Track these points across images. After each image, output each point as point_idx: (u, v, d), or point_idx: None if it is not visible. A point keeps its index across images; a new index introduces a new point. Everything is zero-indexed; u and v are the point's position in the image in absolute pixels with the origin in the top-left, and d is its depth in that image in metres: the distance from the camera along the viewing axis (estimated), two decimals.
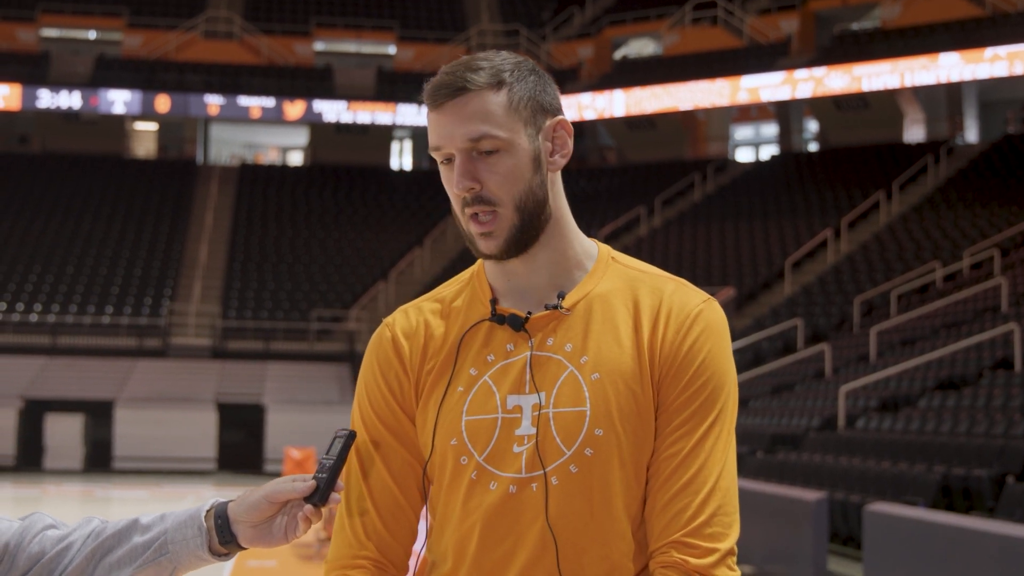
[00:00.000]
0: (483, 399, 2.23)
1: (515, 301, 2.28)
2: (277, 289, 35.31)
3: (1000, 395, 15.39)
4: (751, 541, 13.35)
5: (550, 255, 2.27)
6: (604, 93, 40.07)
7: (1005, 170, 33.18)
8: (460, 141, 2.19)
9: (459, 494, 2.22)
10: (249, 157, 46.68)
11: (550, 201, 2.27)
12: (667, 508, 2.16)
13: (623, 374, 2.20)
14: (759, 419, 20.15)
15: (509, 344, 2.26)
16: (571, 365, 2.21)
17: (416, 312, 2.36)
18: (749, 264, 32.06)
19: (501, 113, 2.19)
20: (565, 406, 2.19)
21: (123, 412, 29.78)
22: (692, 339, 2.22)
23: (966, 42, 34.42)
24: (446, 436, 2.24)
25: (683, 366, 2.21)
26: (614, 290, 2.27)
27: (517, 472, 2.19)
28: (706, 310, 2.25)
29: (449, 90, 2.19)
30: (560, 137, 2.30)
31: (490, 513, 2.19)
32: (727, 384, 2.23)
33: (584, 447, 2.17)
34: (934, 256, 28.10)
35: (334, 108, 40.96)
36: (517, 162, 2.21)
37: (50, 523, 2.24)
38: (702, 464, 2.17)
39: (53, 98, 39.72)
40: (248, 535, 2.15)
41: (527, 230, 2.22)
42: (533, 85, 2.25)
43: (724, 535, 2.15)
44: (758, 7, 41.14)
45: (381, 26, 45.05)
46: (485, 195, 2.20)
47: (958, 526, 9.68)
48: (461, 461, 2.22)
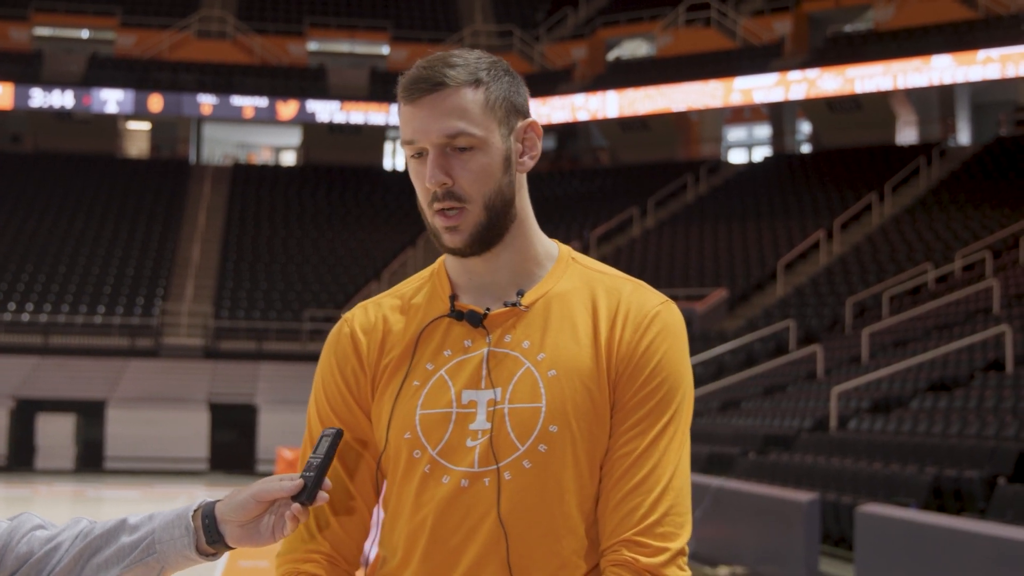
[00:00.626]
0: (438, 393, 2.24)
1: (475, 298, 2.30)
2: (270, 289, 35.29)
3: (992, 397, 15.41)
4: (743, 542, 13.37)
5: (512, 254, 2.29)
6: (597, 94, 40.08)
7: (997, 172, 33.22)
8: (436, 136, 2.20)
9: (412, 487, 2.23)
10: (242, 157, 46.64)
11: (516, 201, 2.27)
12: (619, 506, 2.17)
13: (580, 372, 2.21)
14: (751, 420, 20.15)
15: (467, 340, 2.27)
16: (528, 362, 2.23)
17: (375, 308, 2.38)
18: (742, 265, 32.07)
19: (478, 111, 2.20)
20: (521, 402, 2.20)
21: (115, 412, 29.75)
22: (649, 339, 2.23)
23: (958, 44, 34.47)
24: (400, 430, 2.25)
25: (639, 366, 2.22)
26: (573, 289, 2.29)
27: (470, 466, 2.19)
28: (663, 311, 2.27)
29: (427, 84, 2.21)
30: (530, 139, 2.29)
31: (442, 506, 2.20)
32: (683, 385, 2.25)
33: (538, 443, 2.18)
34: (926, 258, 28.13)
35: (327, 108, 40.94)
36: (490, 161, 2.21)
37: (38, 523, 2.24)
38: (655, 464, 2.18)
39: (46, 97, 39.68)
40: (236, 535, 2.15)
41: (492, 228, 2.23)
42: (508, 86, 2.26)
43: (675, 535, 2.17)
44: (751, 8, 41.18)
45: (375, 26, 45.04)
46: (456, 191, 2.20)
47: (949, 527, 9.70)
48: (414, 455, 2.23)
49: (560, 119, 40.64)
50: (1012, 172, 32.80)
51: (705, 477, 15.32)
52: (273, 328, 33.54)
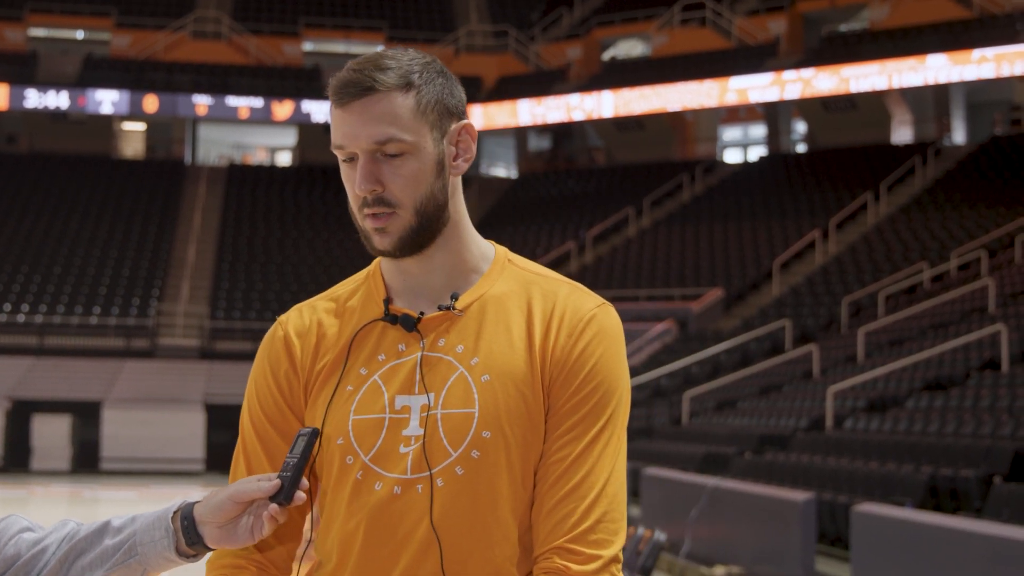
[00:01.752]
0: (371, 399, 2.22)
1: (409, 301, 2.27)
2: (265, 289, 35.27)
3: (987, 396, 15.42)
4: (739, 541, 13.37)
5: (446, 257, 2.26)
6: (593, 94, 40.08)
7: (992, 171, 33.25)
8: (365, 142, 2.16)
9: (344, 494, 2.21)
10: (237, 157, 46.61)
11: (450, 204, 2.24)
12: (552, 513, 2.15)
13: (513, 376, 2.18)
14: (747, 420, 20.16)
15: (401, 344, 2.25)
16: (461, 366, 2.20)
17: (310, 311, 2.36)
18: (737, 265, 32.08)
19: (408, 116, 2.16)
20: (454, 407, 2.18)
21: (111, 413, 29.73)
22: (584, 343, 2.20)
23: (954, 44, 34.49)
24: (333, 435, 2.22)
25: (574, 370, 2.19)
26: (508, 292, 2.26)
27: (403, 473, 2.17)
28: (600, 314, 2.24)
29: (356, 89, 2.16)
30: (464, 141, 2.26)
31: (374, 513, 2.18)
32: (618, 389, 2.21)
33: (471, 449, 2.16)
34: (922, 257, 28.15)
35: (323, 108, 40.92)
36: (421, 166, 2.18)
37: (25, 526, 2.24)
38: (589, 469, 2.16)
39: (41, 98, 39.66)
40: (214, 536, 2.14)
41: (423, 232, 2.20)
42: (440, 88, 2.22)
43: (608, 542, 2.14)
44: (746, 8, 41.19)
45: (370, 26, 45.03)
46: (386, 197, 2.17)
47: (945, 526, 9.70)
48: (347, 461, 2.21)
49: (555, 119, 40.65)
50: (1007, 171, 32.83)
51: (701, 477, 15.32)
52: (269, 328, 33.45)
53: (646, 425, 22.54)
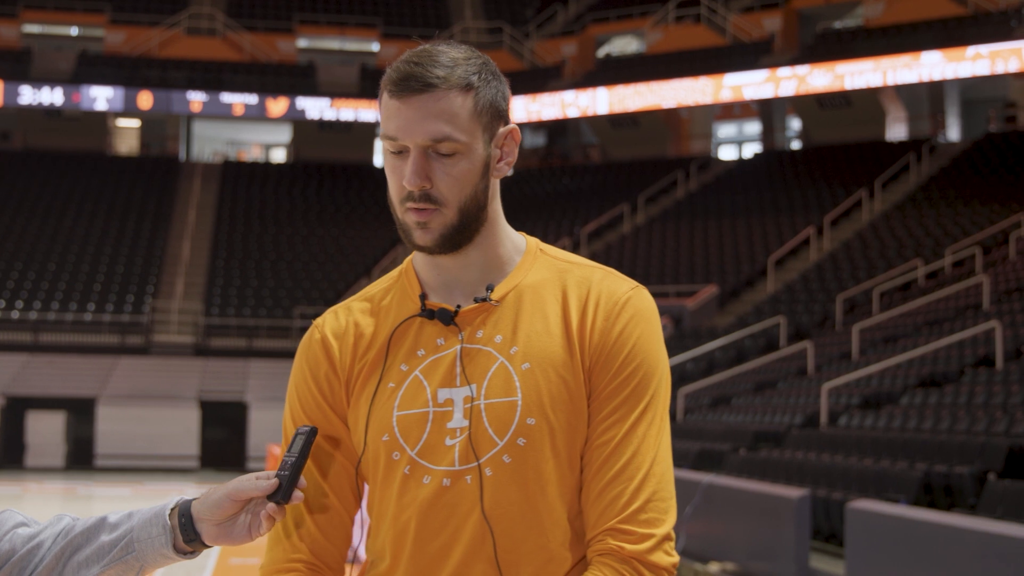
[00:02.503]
0: (414, 394, 2.23)
1: (445, 295, 2.29)
2: (260, 286, 35.25)
3: (982, 392, 15.43)
4: (734, 538, 13.38)
5: (481, 253, 2.27)
6: (587, 91, 40.07)
7: (987, 168, 33.26)
8: (420, 138, 2.16)
9: (393, 490, 2.22)
10: (232, 154, 46.59)
11: (488, 206, 2.25)
12: (602, 496, 2.17)
13: (554, 363, 2.20)
14: (742, 416, 20.16)
15: (439, 338, 2.26)
16: (501, 356, 2.22)
17: (345, 312, 2.37)
18: (732, 262, 32.09)
19: (466, 117, 2.18)
20: (496, 397, 2.19)
21: (105, 409, 29.71)
22: (621, 326, 2.22)
23: (948, 41, 34.50)
24: (378, 432, 2.24)
25: (613, 353, 2.21)
26: (543, 281, 2.28)
27: (450, 465, 2.19)
28: (634, 297, 2.26)
29: (418, 83, 2.16)
30: (509, 145, 2.27)
31: (425, 507, 2.19)
32: (658, 370, 2.23)
33: (517, 437, 2.17)
34: (916, 254, 28.16)
35: (317, 105, 40.91)
36: (471, 167, 2.20)
37: (20, 521, 2.23)
38: (636, 450, 2.18)
39: (35, 94, 39.60)
40: (212, 533, 2.14)
41: (463, 231, 2.21)
42: (495, 91, 2.23)
43: (660, 520, 2.16)
44: (741, 5, 41.20)
45: (364, 23, 45.01)
46: (433, 194, 2.18)
47: (940, 523, 9.71)
48: (393, 456, 2.22)
49: (550, 116, 40.64)
50: (1002, 168, 32.84)
51: (695, 473, 15.32)
52: (263, 325, 33.51)
53: None
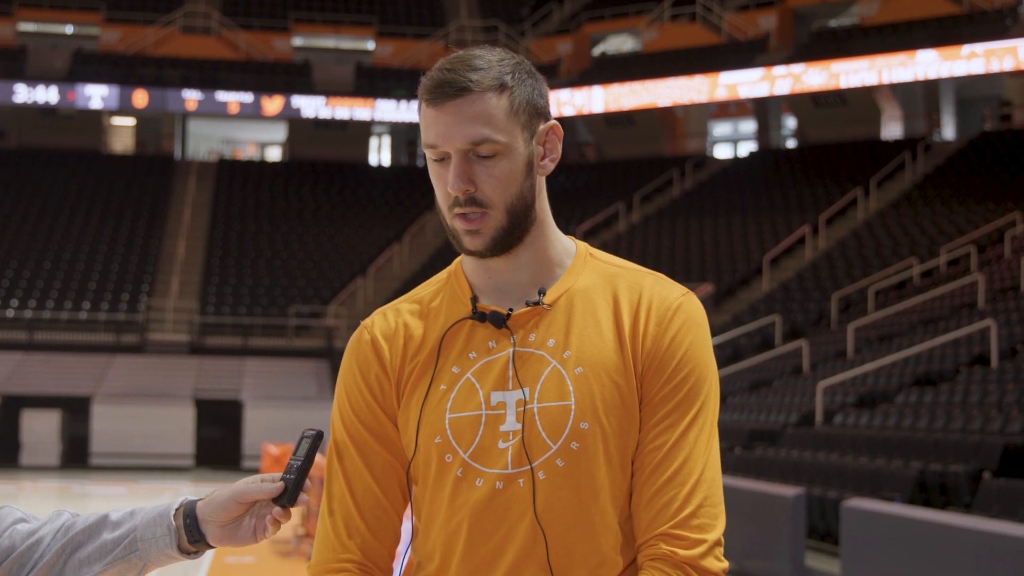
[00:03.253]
0: (466, 396, 2.23)
1: (496, 298, 2.28)
2: (255, 285, 35.23)
3: (977, 391, 15.45)
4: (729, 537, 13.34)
5: (532, 255, 2.27)
6: (583, 89, 40.08)
7: (982, 167, 33.29)
8: (460, 142, 2.17)
9: (445, 492, 2.22)
10: (227, 153, 46.56)
11: (536, 204, 2.26)
12: (654, 501, 2.17)
13: (606, 367, 2.20)
14: (737, 415, 20.18)
15: (491, 341, 2.25)
16: (554, 360, 2.21)
17: (394, 313, 2.35)
18: (727, 260, 32.11)
19: (503, 117, 2.18)
20: (550, 401, 2.19)
21: (100, 408, 29.68)
22: (673, 332, 2.22)
23: (943, 39, 34.52)
24: (430, 434, 2.23)
25: (665, 359, 2.21)
26: (594, 285, 2.28)
27: (503, 468, 2.18)
28: (686, 303, 2.26)
29: (452, 89, 2.17)
30: (551, 141, 2.28)
31: (477, 510, 2.18)
32: (709, 376, 2.24)
33: (570, 441, 2.17)
34: (911, 253, 28.18)
35: (312, 104, 40.86)
36: (513, 167, 2.20)
37: (20, 517, 2.23)
38: (687, 456, 2.18)
39: (30, 93, 39.55)
40: (216, 535, 2.14)
41: (513, 232, 2.21)
42: (531, 89, 2.24)
43: (711, 526, 2.17)
44: (736, 4, 41.21)
45: (360, 21, 44.98)
46: (478, 197, 2.19)
47: (935, 522, 9.72)
48: (446, 459, 2.21)
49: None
50: (997, 167, 32.88)
51: None
52: (259, 324, 33.49)
53: None
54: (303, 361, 32.41)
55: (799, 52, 37.53)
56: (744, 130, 45.60)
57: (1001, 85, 37.77)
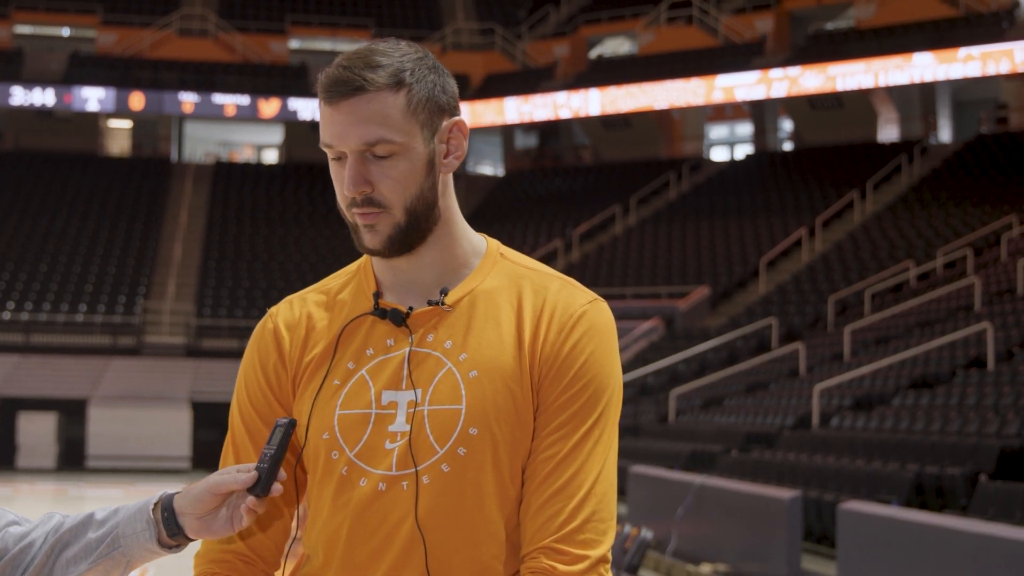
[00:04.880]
0: (358, 393, 2.20)
1: (400, 295, 2.24)
2: (252, 287, 35.22)
3: (973, 394, 15.45)
4: (726, 539, 13.39)
5: (437, 254, 2.23)
6: (579, 92, 40.07)
7: (978, 170, 33.31)
8: (354, 143, 2.12)
9: (329, 489, 2.19)
10: (224, 155, 46.54)
11: (440, 202, 2.21)
12: (540, 512, 2.12)
13: (502, 373, 2.15)
14: (734, 418, 20.19)
15: (389, 339, 2.22)
16: (449, 362, 2.17)
17: (300, 303, 2.34)
18: (724, 263, 32.11)
19: (398, 116, 2.13)
20: (441, 403, 2.15)
21: (97, 411, 29.67)
22: (574, 340, 2.17)
23: (940, 42, 34.55)
24: (319, 430, 2.20)
25: (564, 367, 2.16)
26: (499, 287, 2.23)
27: (388, 469, 2.15)
28: (591, 311, 2.20)
29: (346, 88, 2.12)
30: (455, 138, 2.22)
31: (359, 510, 2.15)
32: (609, 387, 2.18)
33: (457, 446, 2.13)
34: (908, 255, 28.19)
35: (309, 106, 40.86)
36: (411, 166, 2.15)
37: (12, 519, 2.24)
38: (578, 468, 2.13)
39: (26, 95, 39.54)
40: (194, 527, 2.14)
41: (412, 232, 2.17)
42: (432, 85, 2.17)
43: (597, 542, 2.11)
44: (733, 6, 41.22)
45: (356, 24, 44.98)
46: (375, 198, 2.15)
47: (931, 524, 9.72)
48: (332, 456, 2.19)
49: (542, 117, 40.63)
50: (993, 170, 32.90)
51: (687, 475, 15.33)
52: (255, 326, 33.36)
53: (633, 423, 22.55)
54: None
55: (795, 55, 37.56)
56: (741, 133, 45.61)
57: (997, 88, 37.79)
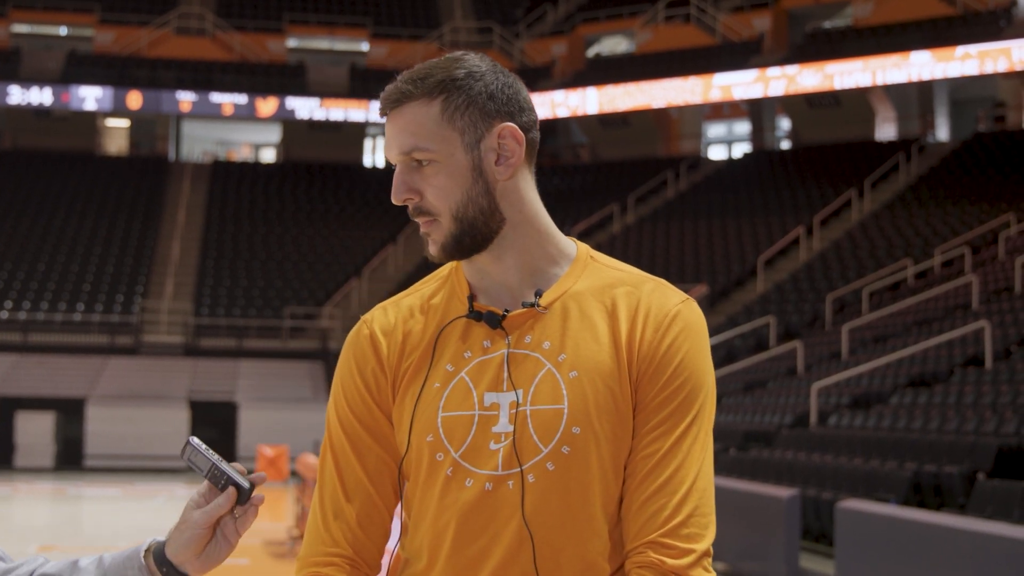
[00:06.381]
0: (460, 396, 2.22)
1: (492, 298, 2.27)
2: (250, 286, 35.22)
3: (971, 392, 15.45)
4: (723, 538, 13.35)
5: (518, 257, 2.26)
6: (577, 90, 40.08)
7: (976, 168, 33.32)
8: (395, 152, 2.20)
9: (435, 491, 2.21)
10: (221, 154, 46.53)
11: (501, 208, 2.24)
12: (644, 508, 2.15)
13: (601, 372, 2.18)
14: (732, 416, 20.19)
15: (486, 341, 2.24)
16: (549, 363, 2.20)
17: (395, 309, 2.34)
18: (722, 262, 32.12)
19: (431, 125, 2.18)
20: (543, 403, 2.17)
21: (95, 410, 29.67)
22: (671, 339, 2.20)
23: (937, 40, 34.56)
24: (422, 432, 2.22)
25: (661, 366, 2.19)
26: (592, 289, 2.26)
27: (494, 469, 2.17)
28: (684, 310, 2.24)
29: (389, 100, 2.20)
30: (507, 144, 2.26)
31: (465, 510, 2.17)
32: (705, 385, 2.22)
33: (561, 445, 2.15)
34: (905, 254, 28.20)
35: (307, 105, 40.86)
36: (451, 173, 2.19)
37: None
38: (679, 464, 2.16)
39: (24, 94, 39.52)
40: (197, 566, 2.15)
41: (466, 239, 2.21)
42: (477, 91, 2.22)
43: (701, 536, 2.14)
44: (731, 5, 41.22)
45: (354, 23, 44.97)
46: (423, 206, 2.21)
47: (929, 523, 9.72)
48: (437, 457, 2.20)
49: (540, 116, 39.50)
50: (991, 168, 32.91)
51: None
52: (253, 325, 33.47)
53: None
54: (297, 363, 32.40)
55: (793, 53, 37.56)
56: (738, 131, 45.63)
57: (995, 86, 37.81)
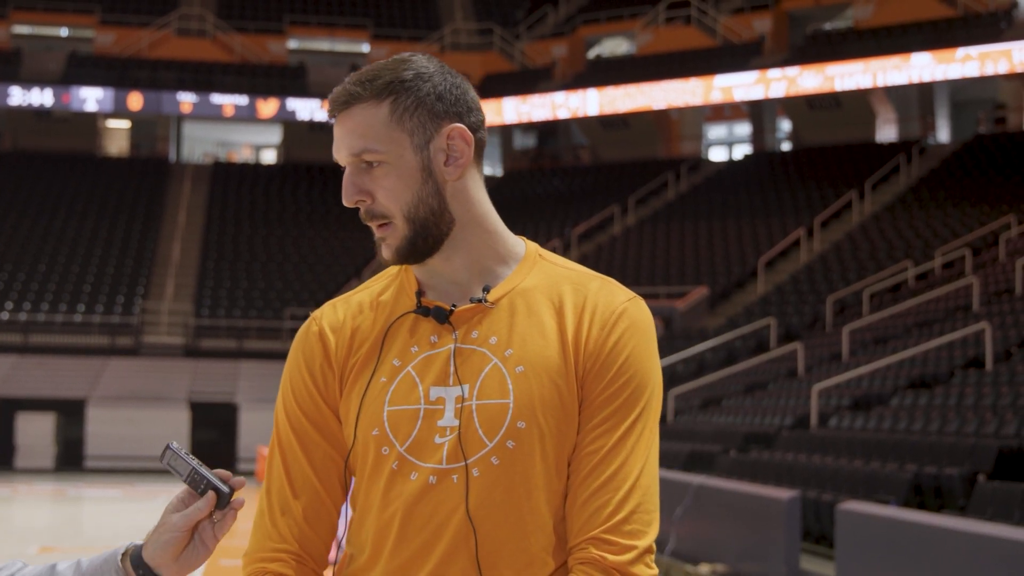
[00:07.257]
0: (406, 390, 2.24)
1: (441, 295, 2.29)
2: (250, 288, 35.22)
3: (971, 394, 15.44)
4: (724, 539, 13.38)
5: (467, 256, 2.28)
6: (578, 92, 40.09)
7: (976, 170, 33.32)
8: (344, 154, 2.23)
9: (380, 484, 2.23)
10: (222, 155, 46.54)
11: (451, 208, 2.25)
12: (587, 504, 2.18)
13: (548, 368, 2.21)
14: (732, 418, 20.18)
15: (433, 336, 2.26)
16: (495, 358, 2.22)
17: (344, 305, 2.37)
18: (722, 263, 32.11)
19: (380, 126, 2.20)
20: (488, 398, 2.20)
21: (95, 411, 29.68)
22: (616, 337, 2.23)
23: (938, 42, 34.57)
24: (368, 426, 2.24)
25: (607, 363, 2.22)
26: (539, 286, 2.28)
27: (438, 463, 2.19)
28: (631, 308, 2.26)
29: (338, 102, 2.23)
30: (458, 146, 2.26)
31: (410, 503, 2.19)
32: (650, 382, 2.24)
33: (506, 439, 2.18)
34: (906, 255, 28.20)
35: (308, 106, 40.88)
36: (400, 174, 2.21)
37: None
38: (623, 461, 2.18)
39: (24, 95, 39.54)
40: (174, 569, 2.16)
41: (419, 241, 2.23)
42: (427, 93, 2.23)
43: (643, 532, 2.17)
44: (731, 7, 41.23)
45: (355, 24, 44.99)
46: (375, 209, 2.24)
47: (930, 525, 9.72)
48: (382, 451, 2.23)
49: (540, 117, 40.65)
50: (991, 170, 32.91)
51: (686, 475, 15.32)
52: (253, 327, 33.47)
53: None
54: None
55: (794, 55, 37.56)
56: (739, 133, 45.63)
57: (995, 88, 37.82)
